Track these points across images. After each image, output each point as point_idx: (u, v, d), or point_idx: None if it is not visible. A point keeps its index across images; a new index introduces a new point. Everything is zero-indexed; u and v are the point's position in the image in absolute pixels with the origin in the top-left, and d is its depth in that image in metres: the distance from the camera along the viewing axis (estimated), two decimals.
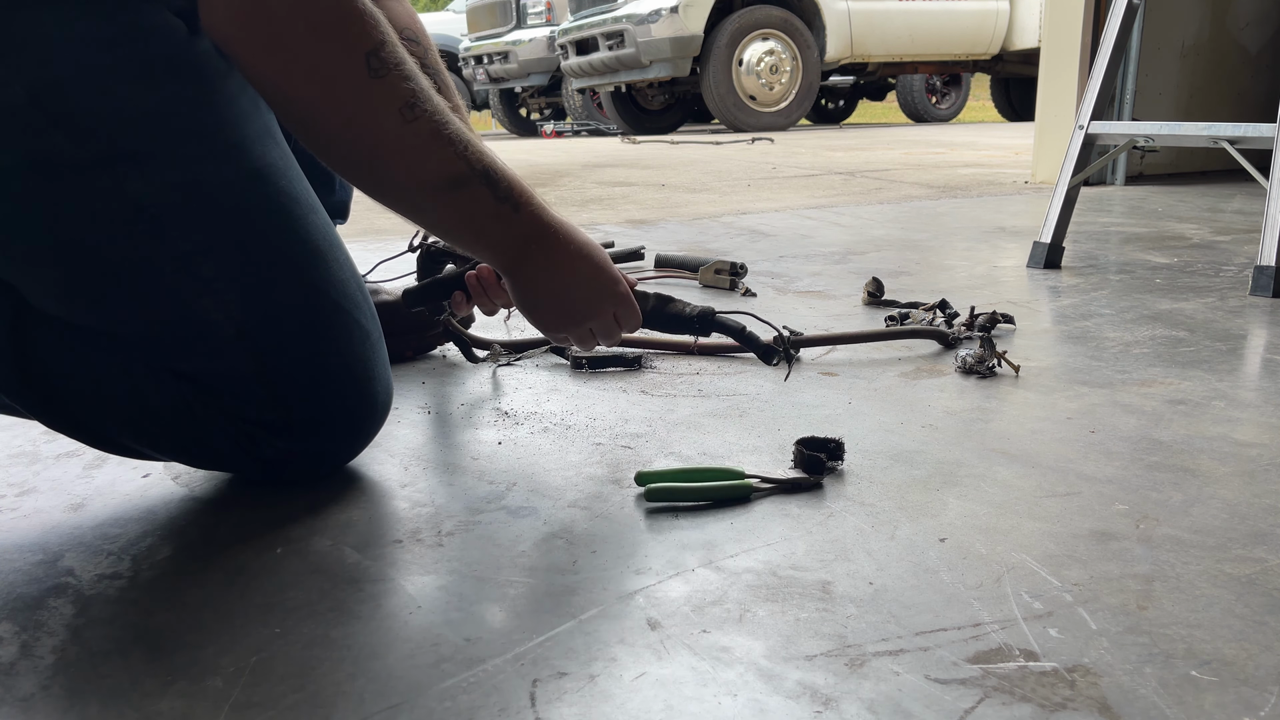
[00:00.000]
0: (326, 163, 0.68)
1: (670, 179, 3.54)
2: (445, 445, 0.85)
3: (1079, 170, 1.71)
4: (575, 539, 0.66)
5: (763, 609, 0.56)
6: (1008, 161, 4.07)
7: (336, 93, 0.63)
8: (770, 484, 0.73)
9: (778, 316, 1.32)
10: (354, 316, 0.73)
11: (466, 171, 0.68)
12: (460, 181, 0.68)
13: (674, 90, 7.49)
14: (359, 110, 0.64)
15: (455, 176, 0.67)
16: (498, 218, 0.70)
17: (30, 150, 0.61)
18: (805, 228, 2.24)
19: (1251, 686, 0.48)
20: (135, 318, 0.68)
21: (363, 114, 0.64)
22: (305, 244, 0.71)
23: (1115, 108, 2.97)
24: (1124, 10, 1.67)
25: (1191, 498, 0.70)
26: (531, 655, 0.52)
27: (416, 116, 0.65)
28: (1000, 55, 7.98)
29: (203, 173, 0.66)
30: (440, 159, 0.66)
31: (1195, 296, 1.40)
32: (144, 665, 0.52)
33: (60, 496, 0.75)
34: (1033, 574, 0.59)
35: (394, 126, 0.64)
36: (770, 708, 0.47)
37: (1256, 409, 0.90)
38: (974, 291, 1.46)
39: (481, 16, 8.60)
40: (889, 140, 5.88)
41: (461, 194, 0.68)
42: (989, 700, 0.47)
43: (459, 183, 0.68)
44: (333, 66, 0.63)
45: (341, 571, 0.62)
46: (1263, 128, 1.48)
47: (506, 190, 0.70)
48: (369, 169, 0.67)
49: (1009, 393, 0.97)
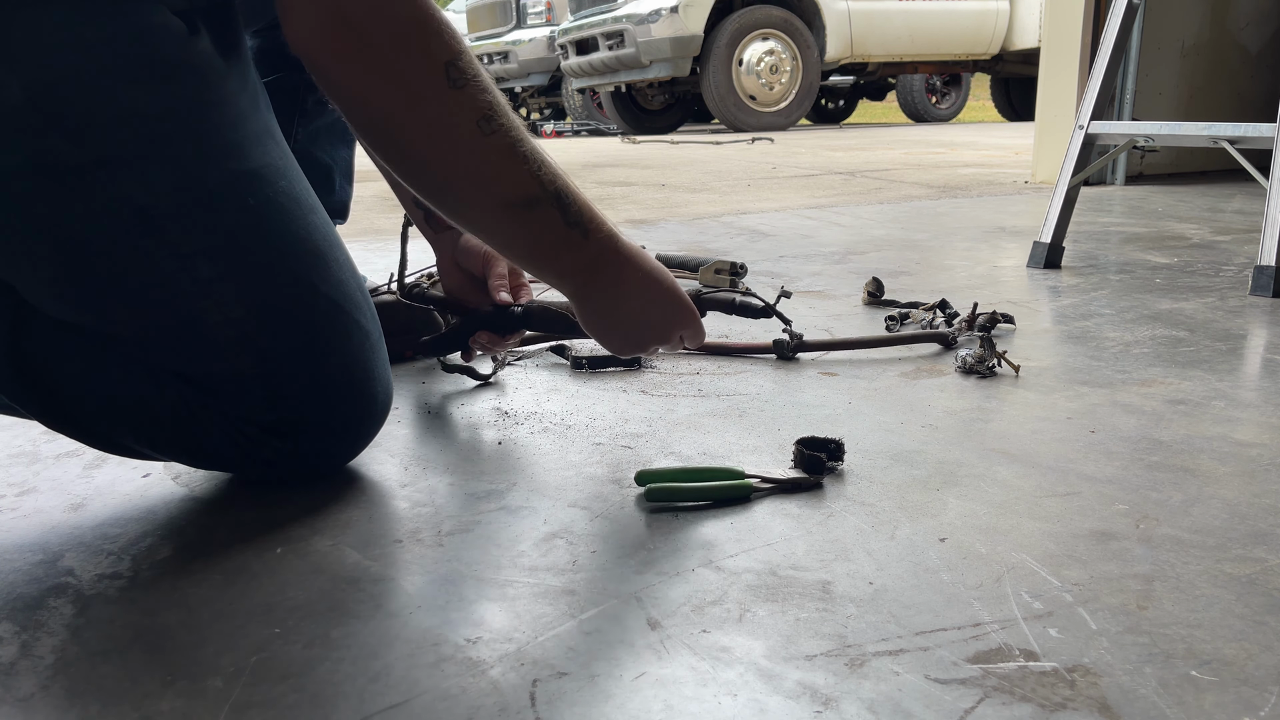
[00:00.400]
0: (403, 177, 0.68)
1: (670, 179, 3.54)
2: (445, 445, 0.85)
3: (1079, 170, 1.71)
4: (575, 539, 0.66)
5: (763, 609, 0.56)
6: (1008, 161, 4.07)
7: (417, 103, 0.63)
8: (770, 484, 0.73)
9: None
10: (353, 317, 0.73)
11: (539, 192, 0.67)
12: (532, 201, 0.67)
13: (674, 90, 7.49)
14: (438, 120, 0.63)
15: (528, 196, 0.67)
16: (567, 242, 0.70)
17: (28, 151, 0.61)
18: (805, 228, 2.24)
19: (1251, 686, 0.48)
20: (134, 318, 0.68)
21: (442, 124, 0.63)
22: (305, 244, 0.71)
23: (1115, 108, 2.97)
24: (1124, 10, 1.67)
25: (1191, 498, 0.70)
26: (531, 655, 0.52)
27: (494, 130, 0.64)
28: (1000, 55, 7.99)
29: (202, 173, 0.66)
30: (514, 176, 0.66)
31: (1195, 296, 1.40)
32: (144, 665, 0.52)
33: (60, 496, 0.75)
34: (1033, 574, 0.59)
35: (472, 138, 0.64)
36: (770, 708, 0.47)
37: (1256, 409, 0.90)
38: (974, 291, 1.46)
39: (481, 16, 8.60)
40: (889, 140, 5.88)
41: (534, 214, 0.68)
42: (989, 700, 0.47)
43: (531, 203, 0.67)
44: (414, 76, 0.63)
45: (341, 571, 0.62)
46: (1263, 128, 1.48)
47: (576, 215, 0.70)
48: (445, 183, 0.67)
49: (1009, 393, 0.97)
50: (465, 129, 0.64)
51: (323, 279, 0.71)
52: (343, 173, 1.20)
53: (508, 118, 0.66)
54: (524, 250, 0.72)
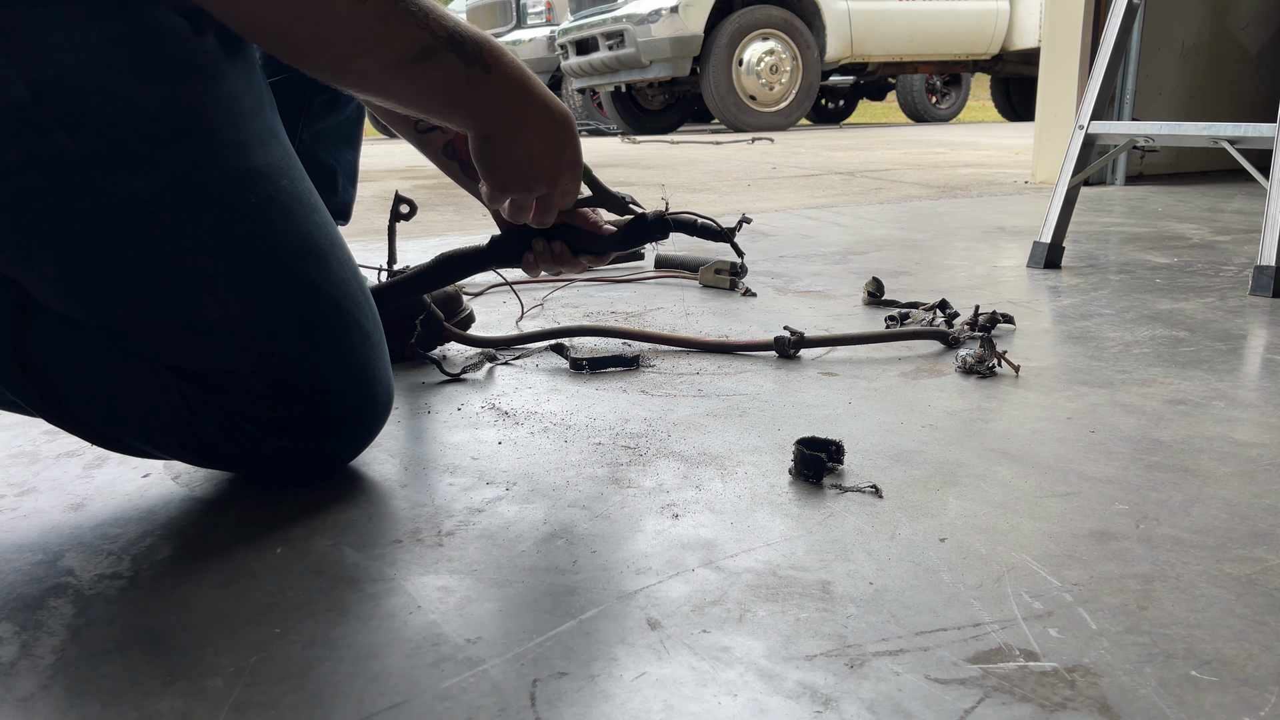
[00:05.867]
0: (294, 63, 0.66)
1: (670, 179, 3.54)
2: (446, 445, 0.85)
3: (1079, 170, 1.71)
4: (575, 539, 0.66)
5: (763, 609, 0.56)
6: (1008, 161, 4.07)
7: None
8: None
9: (778, 316, 1.32)
10: (354, 316, 0.73)
11: (430, 41, 0.66)
12: (426, 51, 0.66)
13: (674, 90, 7.49)
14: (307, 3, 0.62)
15: (421, 47, 0.65)
16: (470, 82, 0.69)
17: (32, 148, 0.61)
18: (805, 227, 2.23)
19: (1251, 686, 0.48)
20: (136, 314, 0.68)
21: (311, 5, 0.62)
22: (306, 243, 0.71)
23: (1115, 108, 2.97)
24: (1124, 10, 1.67)
25: (1191, 498, 0.70)
26: (531, 655, 0.52)
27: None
28: (1000, 55, 7.99)
29: (204, 171, 0.66)
30: (401, 32, 0.64)
31: (1195, 296, 1.40)
32: (144, 665, 0.52)
33: (60, 496, 0.75)
34: (1033, 574, 0.59)
35: (346, 11, 0.62)
36: (770, 708, 0.47)
37: (1256, 409, 0.90)
38: (974, 291, 1.46)
39: (481, 16, 8.61)
40: (889, 140, 5.88)
41: (432, 63, 0.66)
42: (989, 700, 0.47)
43: (425, 53, 0.66)
44: None
45: (341, 571, 0.62)
46: (1263, 128, 1.48)
47: (475, 52, 0.68)
48: (331, 60, 0.65)
49: (1009, 393, 0.97)
50: (336, 3, 0.62)
51: (324, 278, 0.71)
52: (346, 174, 1.20)
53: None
54: (430, 100, 0.70)
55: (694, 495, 0.72)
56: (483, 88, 0.70)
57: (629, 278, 1.63)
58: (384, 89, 0.68)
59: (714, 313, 1.36)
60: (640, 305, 1.42)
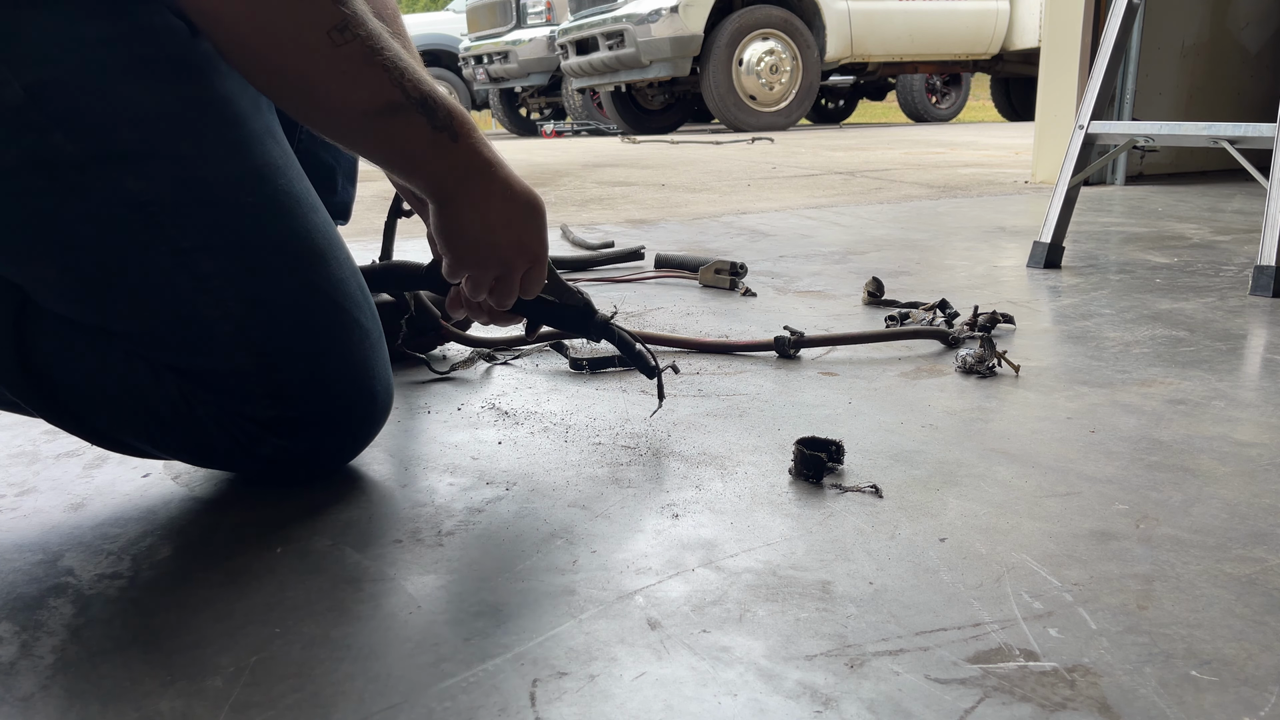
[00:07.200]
0: (264, 92, 0.67)
1: (670, 179, 3.54)
2: (446, 445, 0.85)
3: (1079, 170, 1.71)
4: (575, 539, 0.66)
5: (763, 609, 0.56)
6: (1008, 161, 4.07)
7: (263, 13, 0.62)
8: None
9: (778, 316, 1.32)
10: (354, 316, 0.73)
11: (400, 99, 0.66)
12: (394, 108, 0.66)
13: (674, 90, 7.49)
14: (285, 31, 0.62)
15: (390, 102, 0.66)
16: (434, 145, 0.69)
17: (30, 149, 0.61)
18: (805, 227, 2.24)
19: (1251, 686, 0.48)
20: (135, 314, 0.68)
21: (289, 36, 0.62)
22: (305, 243, 0.71)
23: (1115, 108, 2.97)
24: (1124, 10, 1.67)
25: (1191, 498, 0.70)
26: (531, 655, 0.52)
27: (348, 40, 0.63)
28: (1000, 55, 7.98)
29: (202, 171, 0.66)
30: (372, 84, 0.65)
31: (1195, 296, 1.40)
32: (144, 665, 0.52)
33: (60, 496, 0.75)
34: (1033, 574, 0.59)
35: (324, 49, 0.63)
36: (770, 708, 0.47)
37: (1256, 409, 0.90)
38: (974, 291, 1.46)
39: (481, 16, 8.60)
40: (889, 140, 5.88)
41: (397, 120, 0.66)
42: (989, 700, 0.47)
43: (393, 109, 0.66)
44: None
45: (341, 571, 0.62)
46: (1263, 128, 1.48)
47: (445, 119, 0.68)
48: (298, 93, 0.66)
49: (1009, 393, 0.97)
50: (316, 39, 0.62)
51: (322, 277, 0.71)
52: (345, 173, 1.20)
53: (366, 28, 0.64)
54: (390, 156, 0.70)
55: (694, 495, 0.72)
56: (447, 154, 0.70)
57: (629, 278, 1.63)
58: (349, 136, 0.69)
59: (714, 313, 1.36)
60: (640, 305, 1.42)
